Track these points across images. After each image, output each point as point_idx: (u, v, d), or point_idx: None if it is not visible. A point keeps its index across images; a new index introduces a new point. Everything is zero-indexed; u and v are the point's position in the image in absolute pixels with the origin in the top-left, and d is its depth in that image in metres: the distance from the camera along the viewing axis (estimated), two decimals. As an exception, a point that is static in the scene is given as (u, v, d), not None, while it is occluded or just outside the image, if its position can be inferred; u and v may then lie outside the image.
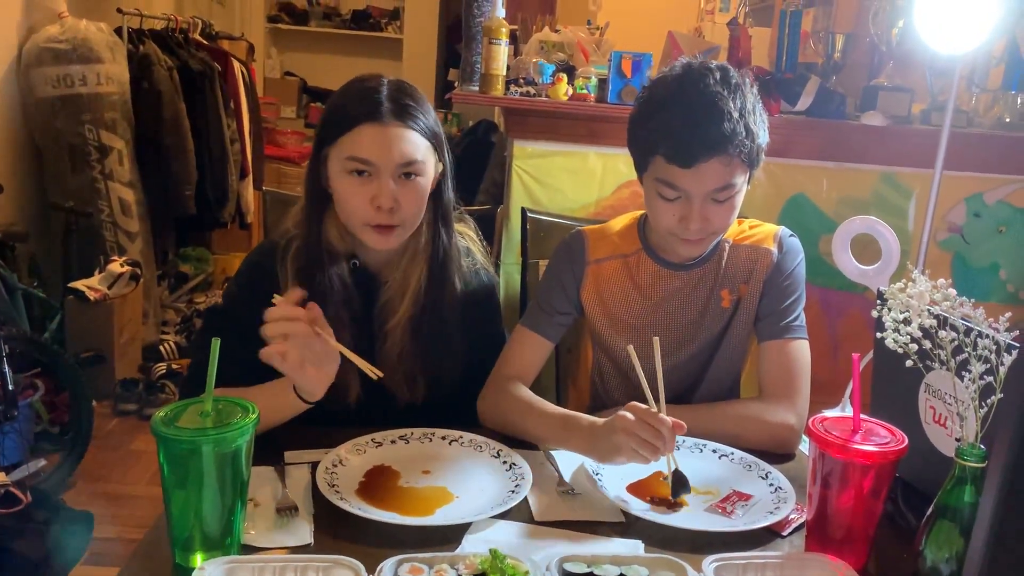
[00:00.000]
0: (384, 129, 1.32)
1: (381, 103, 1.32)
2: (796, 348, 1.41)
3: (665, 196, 1.33)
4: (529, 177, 2.57)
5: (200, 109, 4.13)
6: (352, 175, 1.33)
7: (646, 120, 1.34)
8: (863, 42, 2.90)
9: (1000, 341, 0.95)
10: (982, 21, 2.05)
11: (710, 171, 1.28)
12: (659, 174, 1.32)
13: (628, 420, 1.17)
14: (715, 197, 1.31)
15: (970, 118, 2.67)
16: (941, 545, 0.95)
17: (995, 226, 2.71)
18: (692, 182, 1.30)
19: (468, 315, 1.47)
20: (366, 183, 1.33)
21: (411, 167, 1.34)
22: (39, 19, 3.48)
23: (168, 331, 4.01)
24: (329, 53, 6.50)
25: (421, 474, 1.21)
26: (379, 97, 1.33)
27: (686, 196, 1.31)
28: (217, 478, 0.95)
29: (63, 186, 3.53)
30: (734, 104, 1.27)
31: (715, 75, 1.30)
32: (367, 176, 1.33)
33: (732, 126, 1.26)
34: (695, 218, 1.32)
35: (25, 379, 2.74)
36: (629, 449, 1.16)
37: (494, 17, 2.47)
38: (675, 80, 1.33)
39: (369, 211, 1.33)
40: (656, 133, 1.31)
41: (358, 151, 1.32)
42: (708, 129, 1.26)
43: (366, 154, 1.32)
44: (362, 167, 1.32)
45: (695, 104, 1.28)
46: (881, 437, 1.04)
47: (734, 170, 1.30)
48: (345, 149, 1.33)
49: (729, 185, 1.31)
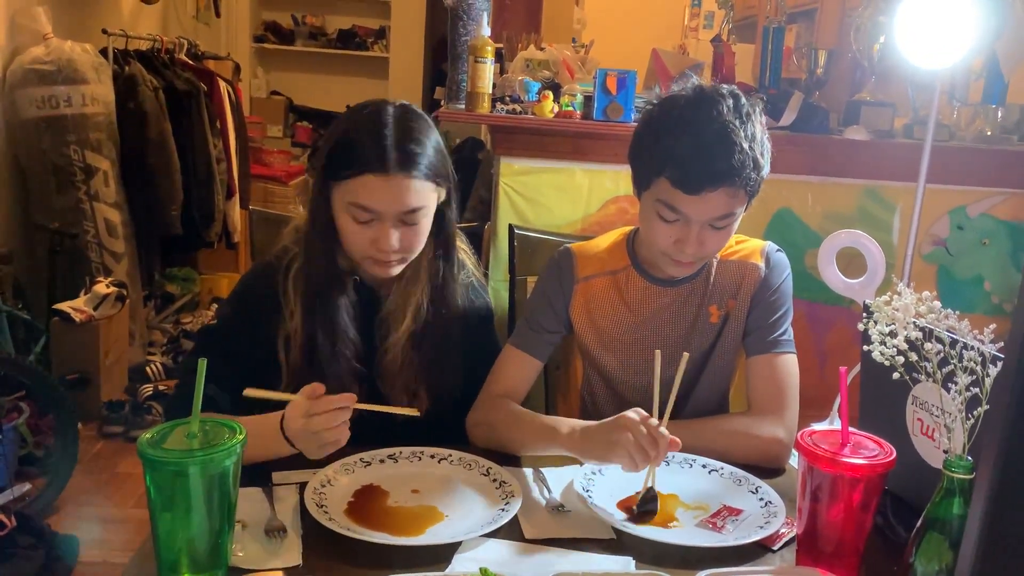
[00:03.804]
0: (388, 180, 1.30)
1: (386, 152, 1.30)
2: (784, 362, 1.41)
3: (665, 218, 1.33)
4: (516, 194, 2.58)
5: (186, 129, 4.12)
6: (354, 218, 1.33)
7: (654, 140, 1.32)
8: (845, 58, 2.93)
9: (985, 353, 0.95)
10: (962, 36, 2.07)
11: (715, 200, 1.28)
12: (662, 196, 1.32)
13: (632, 420, 1.17)
14: (714, 224, 1.32)
15: (952, 132, 2.70)
16: (931, 557, 0.95)
17: (979, 238, 2.73)
18: (695, 209, 1.30)
19: (466, 327, 1.49)
20: (368, 225, 1.33)
21: (413, 215, 1.34)
22: (24, 40, 3.47)
23: (155, 352, 3.99)
24: (315, 72, 6.50)
25: (410, 493, 1.21)
26: (385, 144, 1.30)
27: (685, 220, 1.31)
28: (204, 500, 0.95)
29: (48, 207, 3.51)
30: (745, 134, 1.27)
31: (728, 102, 1.29)
32: (369, 220, 1.33)
33: (742, 158, 1.26)
34: (691, 242, 1.32)
35: (9, 402, 2.71)
36: (624, 448, 1.16)
37: (479, 36, 2.48)
38: (688, 104, 1.31)
39: (370, 249, 1.34)
40: (664, 156, 1.29)
41: (361, 199, 1.31)
42: (718, 160, 1.26)
43: (369, 203, 1.31)
44: (365, 215, 1.32)
45: (707, 132, 1.27)
46: (869, 450, 1.04)
47: (738, 200, 1.31)
48: (348, 194, 1.32)
49: (730, 214, 1.32)
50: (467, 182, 3.82)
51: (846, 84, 2.95)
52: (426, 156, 1.33)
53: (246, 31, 6.25)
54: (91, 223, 3.61)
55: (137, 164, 3.82)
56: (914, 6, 2.13)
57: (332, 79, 6.42)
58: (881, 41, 2.73)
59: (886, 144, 2.65)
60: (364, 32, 6.50)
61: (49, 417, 2.78)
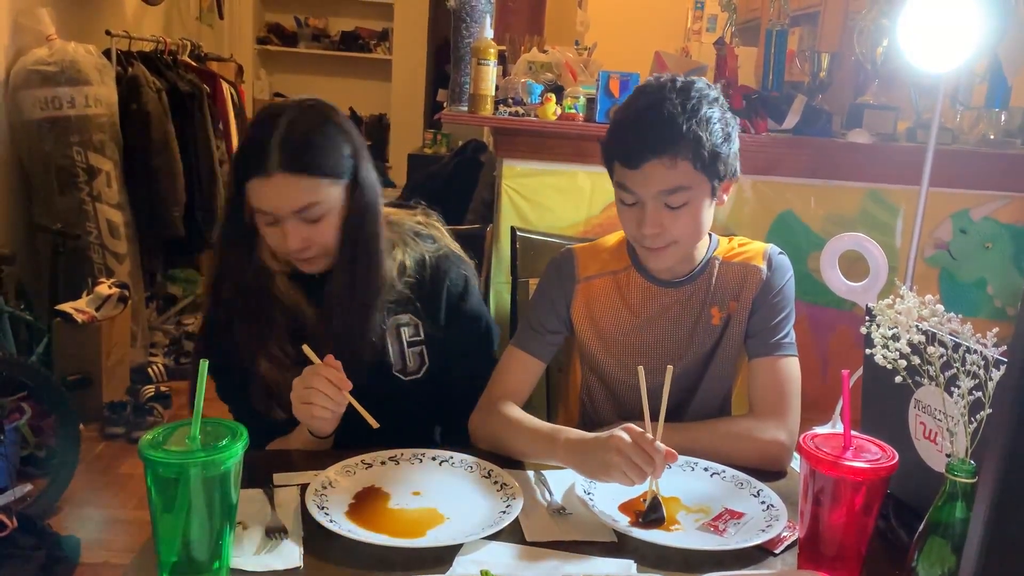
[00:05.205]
0: (270, 182, 1.31)
1: (268, 154, 1.30)
2: (786, 365, 1.41)
3: (624, 201, 1.37)
4: (518, 196, 2.58)
5: (189, 130, 4.13)
6: (262, 221, 1.36)
7: (609, 128, 1.40)
8: (848, 61, 2.93)
9: (988, 356, 0.95)
10: (965, 40, 2.07)
11: (654, 172, 1.31)
12: (617, 178, 1.37)
13: (623, 441, 1.16)
14: (668, 202, 1.33)
15: (955, 135, 2.70)
16: (933, 562, 0.95)
17: (981, 242, 2.72)
18: (639, 184, 1.33)
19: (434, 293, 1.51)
20: (275, 227, 1.35)
21: (308, 211, 1.33)
22: (27, 41, 3.48)
23: (156, 353, 3.99)
24: (318, 74, 6.51)
25: (411, 495, 1.20)
26: (268, 147, 1.30)
27: (640, 201, 1.34)
28: (205, 502, 0.95)
29: (51, 208, 3.52)
30: (681, 108, 1.30)
31: (675, 84, 1.34)
32: (273, 221, 1.34)
33: (675, 130, 1.29)
34: (648, 223, 1.33)
35: (11, 403, 2.72)
36: (619, 470, 1.15)
37: (482, 38, 2.48)
38: (638, 89, 1.40)
39: (286, 250, 1.36)
40: (612, 137, 1.37)
41: (254, 202, 1.34)
42: (652, 129, 1.31)
43: (260, 205, 1.33)
44: (266, 217, 1.34)
45: (641, 107, 1.34)
46: (872, 453, 1.04)
47: (681, 174, 1.31)
48: (250, 198, 1.34)
49: (679, 188, 1.32)
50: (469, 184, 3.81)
51: (849, 87, 2.95)
52: (312, 151, 1.33)
53: (249, 33, 6.26)
54: (93, 224, 3.61)
55: (140, 165, 3.83)
56: (917, 9, 2.12)
57: (335, 81, 6.42)
58: (884, 44, 2.73)
59: (889, 147, 2.65)
60: (367, 34, 6.51)
61: (51, 418, 2.78)
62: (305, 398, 1.26)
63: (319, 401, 1.25)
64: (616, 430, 1.18)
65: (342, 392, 1.26)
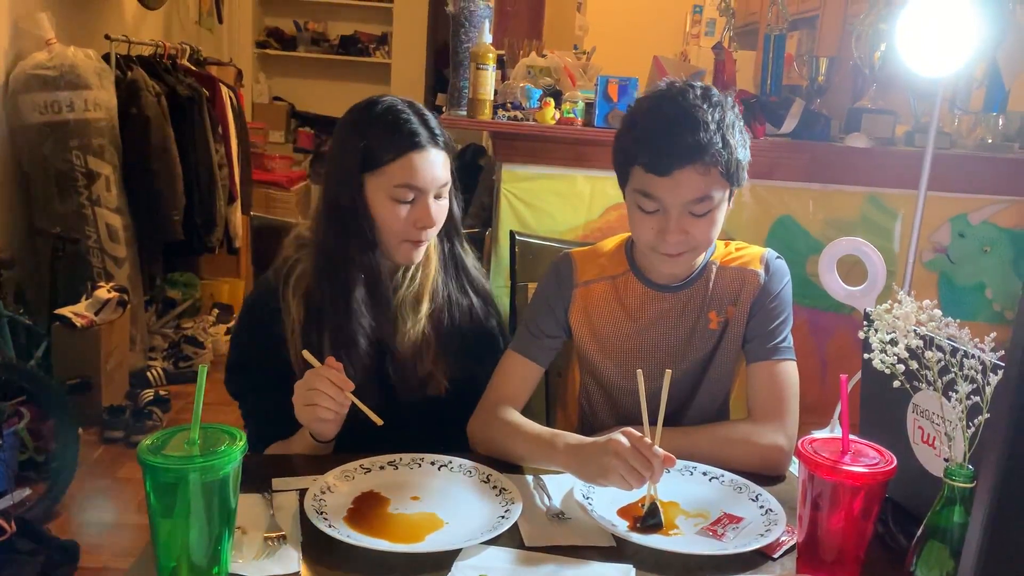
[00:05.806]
0: (427, 155, 1.40)
1: (418, 131, 1.40)
2: (784, 369, 1.41)
3: (644, 208, 1.34)
4: (517, 200, 2.59)
5: (188, 135, 4.12)
6: (397, 200, 1.40)
7: (628, 132, 1.37)
8: (846, 65, 2.94)
9: (986, 361, 0.95)
10: (963, 44, 2.08)
11: (686, 180, 1.29)
12: (638, 184, 1.34)
13: (622, 445, 1.16)
14: (692, 210, 1.32)
15: (953, 140, 2.70)
16: (932, 566, 0.95)
17: (980, 246, 2.73)
18: (668, 191, 1.31)
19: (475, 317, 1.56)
20: (411, 205, 1.40)
21: (445, 188, 1.44)
22: (26, 46, 3.48)
23: (156, 357, 3.99)
24: (317, 78, 6.52)
25: (410, 500, 1.20)
26: (413, 125, 1.40)
27: (664, 208, 1.32)
28: (204, 506, 0.95)
29: (50, 212, 3.52)
30: (711, 116, 1.29)
31: (696, 91, 1.33)
32: (412, 199, 1.40)
33: (708, 136, 1.28)
34: (673, 230, 1.32)
35: (10, 407, 2.71)
36: (617, 474, 1.15)
37: (481, 43, 2.49)
38: (657, 95, 1.37)
39: (411, 230, 1.42)
40: (635, 143, 1.34)
41: (408, 179, 1.39)
42: (684, 137, 1.28)
43: (414, 180, 1.39)
44: (410, 194, 1.39)
45: (672, 114, 1.31)
46: (870, 458, 1.04)
47: (711, 182, 1.31)
48: (393, 178, 1.39)
49: (706, 197, 1.31)
50: (468, 188, 3.82)
51: (847, 91, 2.96)
52: (442, 132, 1.44)
53: (248, 37, 6.27)
54: (93, 228, 3.61)
55: (139, 169, 3.83)
56: (915, 14, 2.13)
57: (334, 85, 6.43)
58: (882, 49, 2.74)
59: (887, 151, 2.65)
60: (366, 38, 6.52)
61: (50, 422, 2.78)
62: (308, 400, 1.27)
63: (322, 402, 1.26)
64: (615, 434, 1.18)
65: (344, 392, 1.26)
